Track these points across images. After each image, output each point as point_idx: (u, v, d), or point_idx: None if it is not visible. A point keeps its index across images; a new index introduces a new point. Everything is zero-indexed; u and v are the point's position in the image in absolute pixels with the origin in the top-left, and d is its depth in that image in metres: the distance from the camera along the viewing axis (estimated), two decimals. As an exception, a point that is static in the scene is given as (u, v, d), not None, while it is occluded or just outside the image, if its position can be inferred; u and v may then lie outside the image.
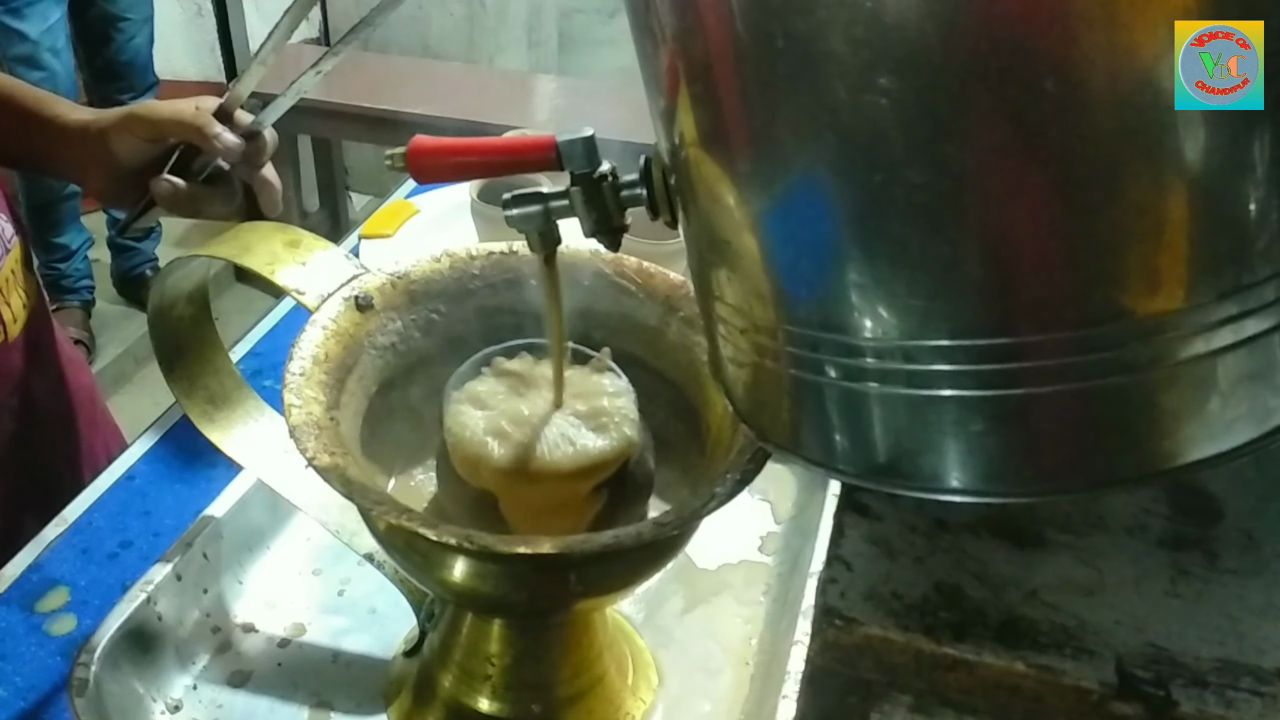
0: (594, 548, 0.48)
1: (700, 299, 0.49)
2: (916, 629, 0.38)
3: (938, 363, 0.36)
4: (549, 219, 0.53)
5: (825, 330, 0.39)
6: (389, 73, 2.43)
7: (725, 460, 0.54)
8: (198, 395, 0.67)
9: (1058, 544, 0.41)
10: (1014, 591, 0.39)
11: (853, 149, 0.35)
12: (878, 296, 0.36)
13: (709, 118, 0.40)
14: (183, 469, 0.82)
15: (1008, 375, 0.35)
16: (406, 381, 0.62)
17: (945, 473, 0.38)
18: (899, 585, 0.40)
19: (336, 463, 0.50)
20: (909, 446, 0.39)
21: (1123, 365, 0.34)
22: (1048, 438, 0.37)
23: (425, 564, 0.55)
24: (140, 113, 0.71)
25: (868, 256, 0.36)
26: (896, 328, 0.36)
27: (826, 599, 0.39)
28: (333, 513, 0.68)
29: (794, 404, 0.44)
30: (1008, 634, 0.38)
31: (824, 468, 0.44)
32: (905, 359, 0.37)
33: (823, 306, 0.38)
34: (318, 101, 2.26)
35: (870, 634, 0.38)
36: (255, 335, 0.97)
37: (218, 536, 0.73)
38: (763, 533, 0.82)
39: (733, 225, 0.41)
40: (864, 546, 0.42)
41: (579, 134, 0.51)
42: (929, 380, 0.37)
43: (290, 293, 0.59)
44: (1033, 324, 0.34)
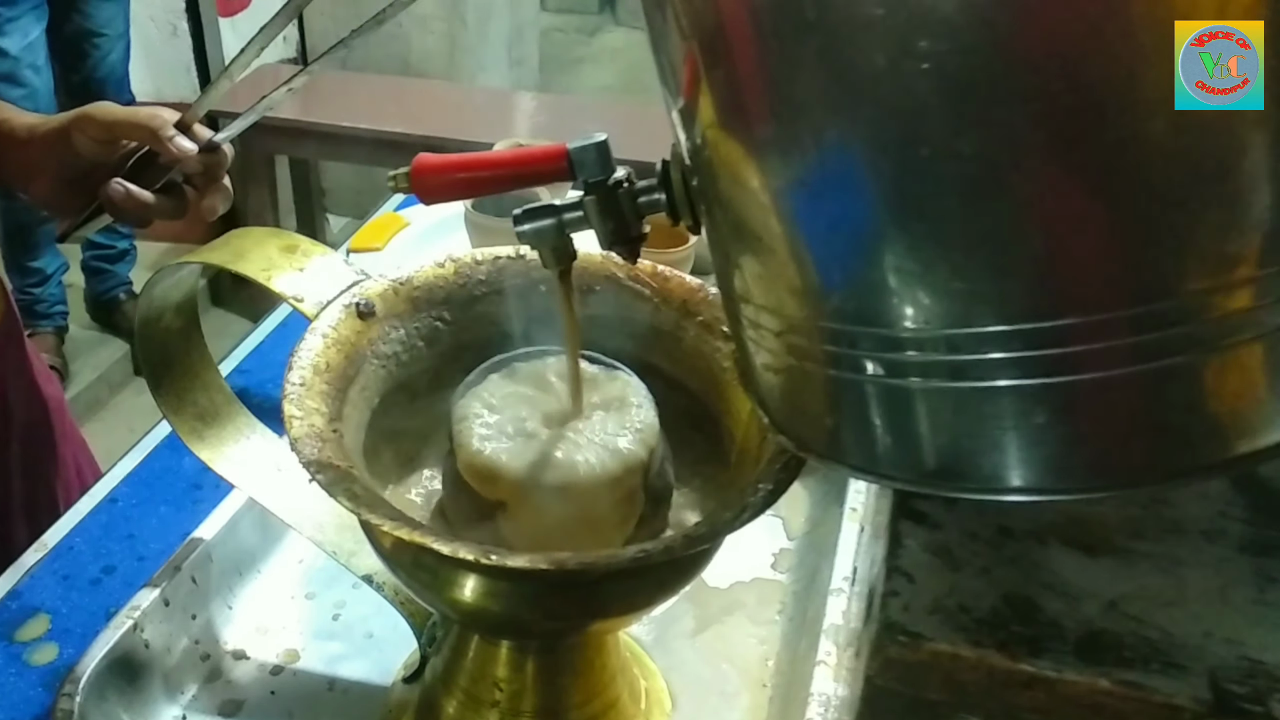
0: (621, 563, 0.44)
1: (727, 304, 0.47)
2: (989, 644, 0.35)
3: (988, 351, 0.34)
4: (563, 232, 0.50)
5: (863, 324, 0.36)
6: (368, 91, 2.39)
7: (754, 470, 0.51)
8: (186, 412, 0.63)
9: (1132, 552, 0.38)
10: (1091, 603, 0.36)
11: (895, 122, 0.32)
12: (920, 282, 0.34)
13: (735, 107, 0.38)
14: (167, 490, 0.78)
15: (1069, 360, 0.33)
16: (410, 393, 0.59)
17: (1005, 471, 0.36)
18: (965, 597, 0.37)
19: (342, 476, 0.47)
20: (964, 444, 0.37)
21: (1191, 342, 0.31)
22: (1115, 426, 0.34)
23: (434, 582, 0.51)
24: (93, 112, 0.68)
25: (910, 238, 0.34)
26: (940, 315, 0.34)
27: (888, 613, 0.36)
28: (329, 532, 0.64)
29: (834, 407, 0.41)
30: (1088, 649, 0.35)
31: (870, 474, 0.41)
32: (949, 349, 0.34)
33: (860, 297, 0.36)
34: (295, 121, 2.22)
35: (938, 650, 0.35)
36: (241, 352, 0.92)
37: (206, 560, 0.69)
38: (775, 549, 0.79)
39: (763, 219, 0.39)
40: (924, 557, 0.38)
41: (591, 139, 0.48)
42: (979, 371, 0.34)
43: (287, 300, 0.55)
44: (1093, 302, 0.32)
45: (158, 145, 0.67)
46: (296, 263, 0.56)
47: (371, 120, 2.20)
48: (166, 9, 2.39)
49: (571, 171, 0.49)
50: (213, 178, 0.70)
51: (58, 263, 2.26)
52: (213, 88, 0.70)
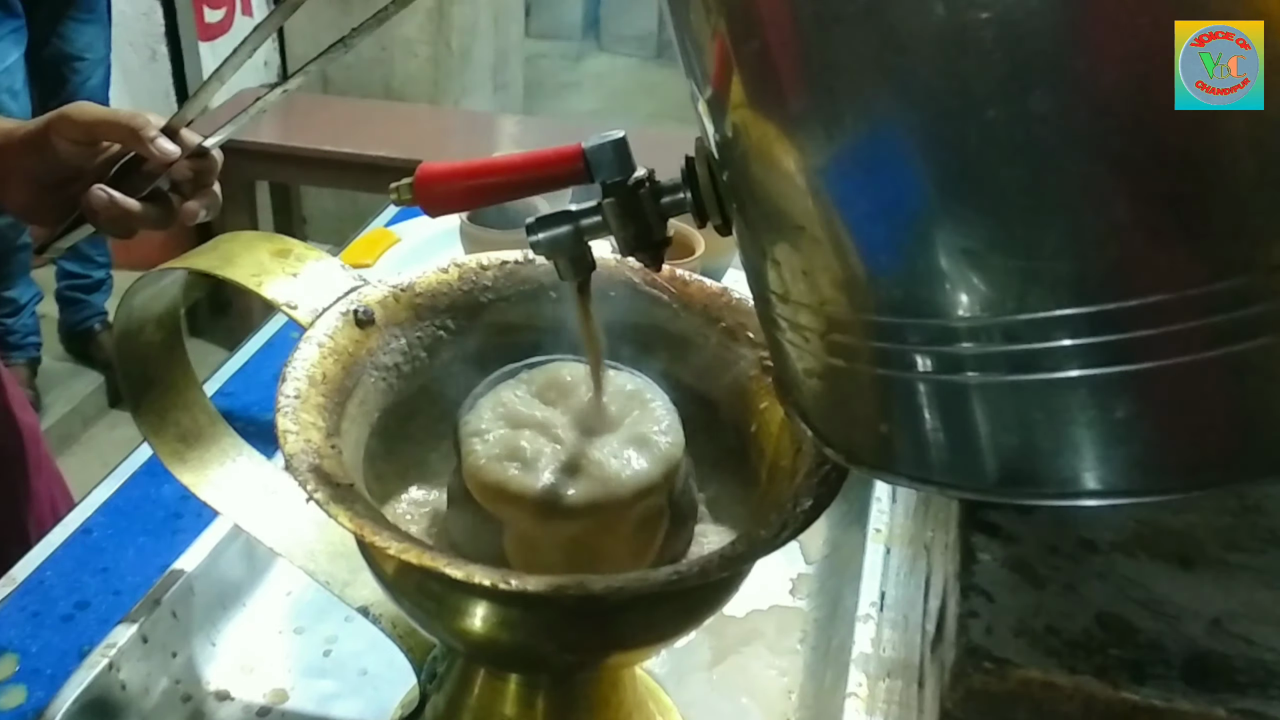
0: (652, 586, 0.40)
1: (761, 306, 0.43)
2: (1086, 670, 0.31)
3: (1052, 338, 0.30)
4: (580, 240, 0.47)
5: (913, 314, 0.33)
6: (350, 114, 2.36)
7: (790, 486, 0.47)
8: (168, 432, 0.59)
9: (1230, 564, 0.35)
10: (1193, 622, 0.32)
11: (954, 81, 0.29)
12: (975, 261, 0.31)
13: (770, 84, 0.34)
14: (146, 520, 0.73)
15: (1142, 345, 0.30)
16: (411, 408, 0.54)
17: (1077, 473, 0.33)
18: (1053, 618, 0.33)
19: (343, 494, 0.42)
20: (1030, 445, 0.33)
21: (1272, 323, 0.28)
22: (1197, 417, 0.31)
23: (440, 611, 0.47)
24: (72, 113, 0.64)
25: (967, 212, 0.31)
26: (997, 299, 0.31)
27: (969, 637, 0.32)
28: (321, 561, 0.60)
29: (884, 411, 0.38)
30: (1195, 673, 0.31)
31: (928, 484, 0.38)
32: (1007, 338, 0.31)
33: (910, 284, 0.33)
34: (276, 145, 2.19)
35: (1028, 678, 0.31)
36: (224, 374, 0.88)
37: (188, 593, 0.64)
38: (793, 575, 0.75)
39: (803, 205, 0.35)
40: (1002, 573, 0.34)
41: (608, 137, 0.45)
42: (1041, 361, 0.31)
43: (280, 307, 0.51)
44: (1169, 278, 0.29)
45: (140, 147, 0.63)
46: (289, 268, 0.52)
47: (354, 144, 2.16)
48: (145, 33, 2.35)
49: (588, 173, 0.45)
50: (202, 184, 0.67)
51: (31, 292, 2.21)
52: (202, 90, 0.67)
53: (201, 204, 0.67)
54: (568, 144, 0.46)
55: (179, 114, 0.67)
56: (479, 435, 0.48)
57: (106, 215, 0.63)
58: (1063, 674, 0.31)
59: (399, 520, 0.51)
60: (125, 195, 0.63)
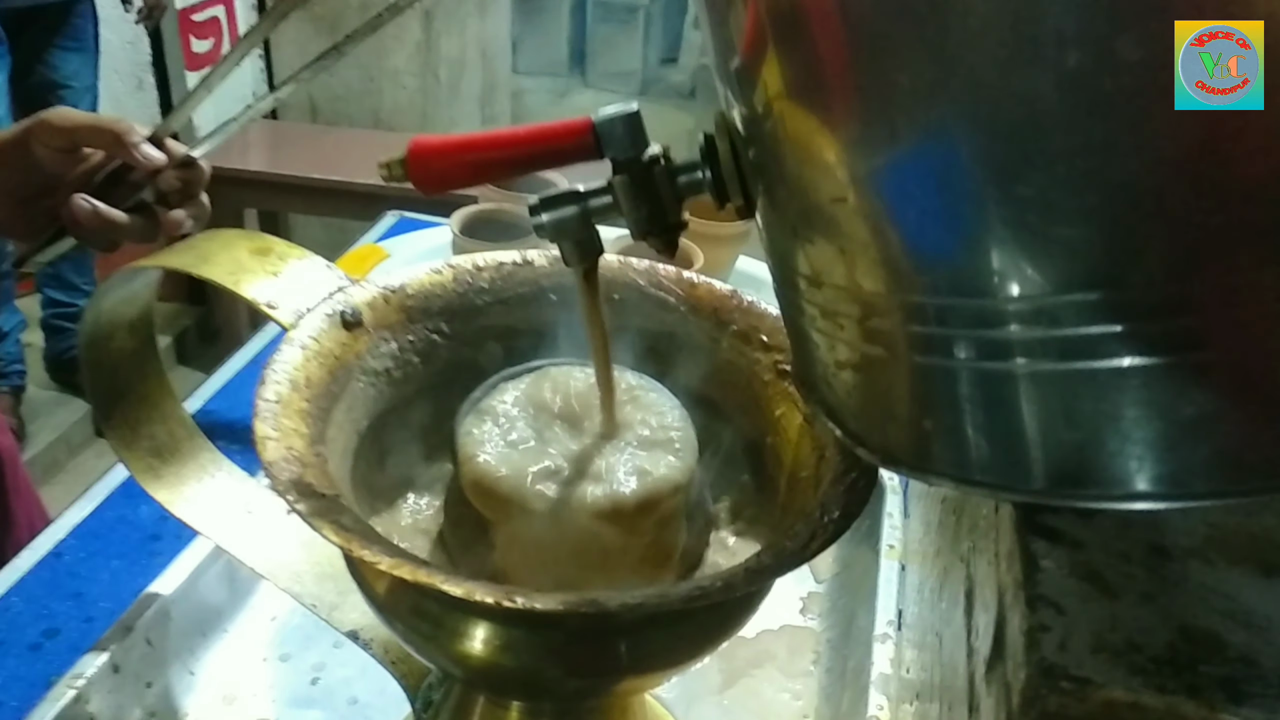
0: (672, 603, 0.36)
1: (788, 294, 0.39)
2: (1177, 689, 0.27)
3: (1111, 320, 0.27)
4: (588, 223, 0.42)
5: (960, 295, 0.30)
6: (338, 144, 2.32)
7: (813, 495, 0.42)
8: (141, 446, 0.54)
9: (1321, 568, 0.30)
10: (1290, 633, 0.28)
11: (1019, 29, 0.25)
12: (1029, 236, 0.27)
13: (815, 57, 0.31)
14: (121, 542, 0.68)
15: (1220, 330, 0.26)
16: (403, 417, 0.50)
17: (1145, 471, 0.29)
18: (1133, 632, 0.28)
19: (328, 505, 0.38)
20: (1087, 441, 0.29)
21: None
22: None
23: (437, 633, 0.42)
24: (52, 118, 0.60)
25: (1020, 184, 0.27)
26: (1050, 278, 0.28)
27: (1041, 653, 0.28)
28: (307, 583, 0.55)
29: (925, 405, 0.34)
30: (1300, 691, 0.27)
31: (974, 485, 0.34)
32: (1057, 322, 0.28)
33: (958, 262, 0.29)
34: (264, 173, 2.16)
35: (1113, 699, 0.27)
36: (207, 391, 0.83)
37: (164, 618, 0.59)
38: (803, 594, 0.71)
39: (840, 184, 0.32)
40: (1070, 582, 0.30)
41: (620, 110, 0.41)
42: (1096, 348, 0.28)
43: (259, 307, 0.46)
44: (1253, 256, 0.25)
45: (123, 153, 0.59)
46: (270, 266, 0.48)
47: (342, 172, 2.12)
48: (132, 62, 2.31)
49: (598, 148, 0.41)
50: (189, 195, 0.63)
51: (15, 320, 2.15)
52: (188, 99, 0.64)
53: (189, 214, 0.63)
54: (555, 178, 0.42)
55: (164, 123, 0.64)
56: (479, 441, 0.44)
57: (89, 226, 0.59)
58: (1151, 694, 0.27)
59: (390, 535, 0.46)
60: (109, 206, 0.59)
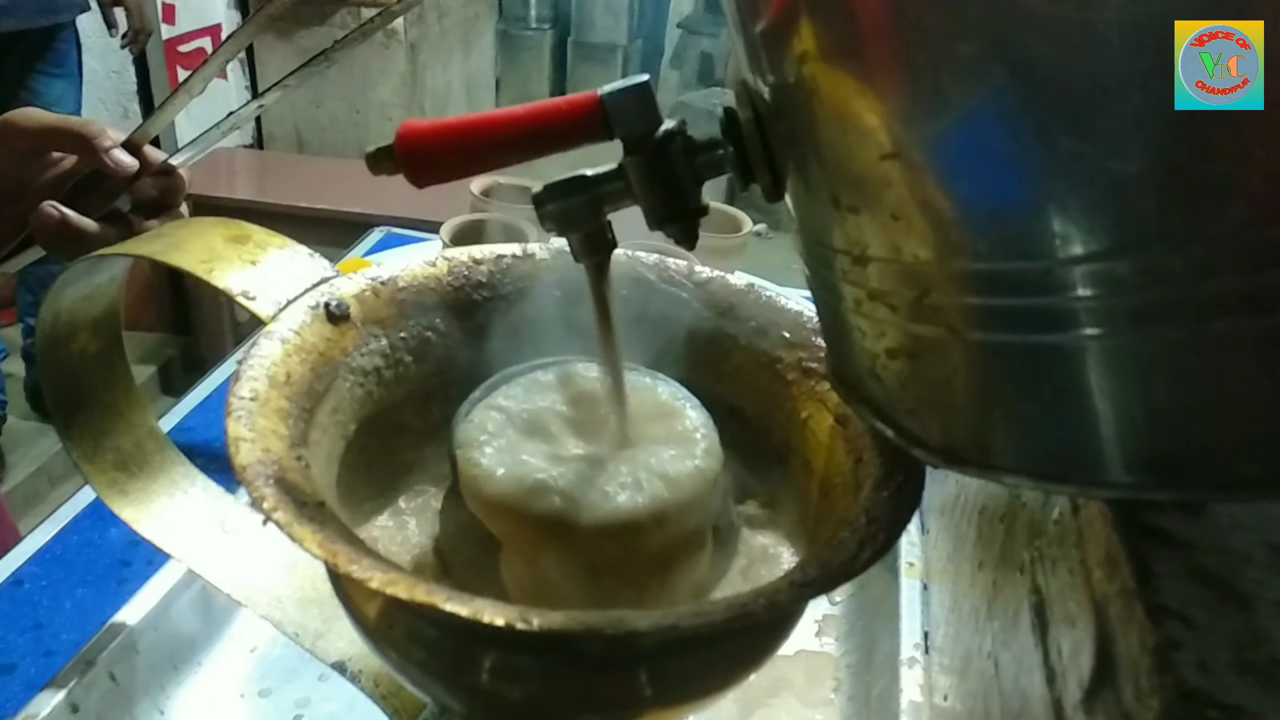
0: (712, 624, 0.30)
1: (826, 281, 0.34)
2: (1352, 719, 0.21)
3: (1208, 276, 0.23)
4: (598, 211, 0.37)
5: (1023, 256, 0.26)
6: (323, 173, 2.28)
7: (855, 501, 0.37)
8: (104, 458, 0.48)
9: None
10: None
11: None
12: (1109, 175, 0.23)
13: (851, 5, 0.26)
14: (87, 568, 0.61)
15: None
16: (394, 420, 0.44)
17: (1237, 458, 0.24)
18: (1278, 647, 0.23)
19: (309, 515, 0.32)
20: (1185, 420, 0.25)
21: None
22: None
23: (433, 662, 0.36)
24: (17, 119, 0.55)
25: (1094, 102, 0.23)
26: (1129, 230, 0.24)
27: (1179, 675, 0.22)
28: (289, 609, 0.49)
29: (991, 391, 0.29)
30: None
31: (1052, 482, 0.29)
32: (1122, 284, 0.24)
33: (1022, 212, 0.25)
34: (251, 202, 2.11)
35: (1275, 732, 0.21)
36: (185, 407, 0.77)
37: (130, 651, 0.53)
38: (818, 616, 0.65)
39: (891, 140, 0.27)
40: (1193, 590, 0.25)
41: (629, 82, 0.36)
42: (1186, 312, 0.23)
43: (235, 298, 0.41)
44: None
45: (93, 158, 0.55)
46: (248, 255, 0.42)
47: (329, 200, 2.08)
48: (117, 91, 2.25)
49: (606, 126, 0.36)
50: (167, 205, 0.58)
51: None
52: (168, 103, 0.60)
53: (165, 224, 0.58)
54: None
55: (142, 128, 0.59)
56: (480, 446, 0.38)
57: (56, 235, 0.53)
58: (1320, 724, 0.21)
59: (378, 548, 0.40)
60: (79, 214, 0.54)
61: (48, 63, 1.88)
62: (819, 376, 0.44)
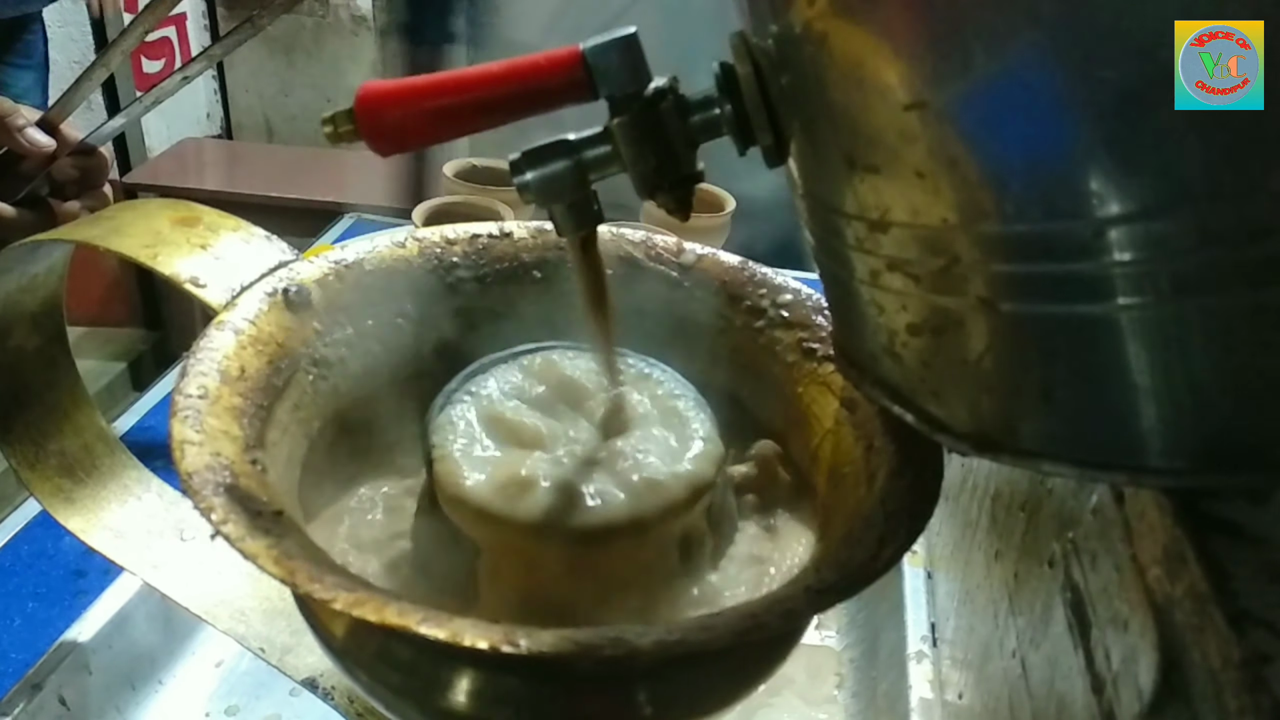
0: (721, 637, 0.27)
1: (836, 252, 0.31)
2: None
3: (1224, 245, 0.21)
4: (583, 180, 0.33)
5: (1058, 216, 0.23)
6: (293, 161, 2.23)
7: (869, 493, 0.34)
8: (48, 464, 0.45)
9: None
10: None
11: None
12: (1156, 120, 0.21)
13: None
14: (38, 581, 0.57)
15: None
16: (364, 415, 0.40)
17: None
18: (1388, 658, 0.20)
19: (265, 526, 0.28)
20: (1245, 403, 0.23)
21: None
22: None
23: (408, 686, 0.32)
24: None
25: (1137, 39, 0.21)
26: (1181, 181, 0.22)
27: (1276, 693, 0.19)
28: (254, 622, 0.45)
29: (1025, 370, 0.26)
30: None
31: (1094, 469, 0.26)
32: (1165, 251, 0.22)
33: (1059, 169, 0.23)
34: (221, 192, 2.05)
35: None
36: (146, 404, 0.72)
37: (82, 671, 0.49)
38: (817, 609, 0.62)
39: (919, 87, 0.24)
40: (1274, 591, 0.22)
41: (614, 35, 0.32)
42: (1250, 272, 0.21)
43: (182, 285, 0.37)
44: None
45: (5, 137, 0.52)
46: (197, 238, 0.38)
47: (299, 189, 2.02)
48: (80, 85, 2.19)
49: (591, 85, 0.32)
50: (89, 186, 0.56)
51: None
52: (84, 78, 0.56)
53: (85, 206, 0.55)
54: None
55: (58, 105, 0.56)
56: (456, 441, 0.35)
57: None
58: None
59: (348, 564, 0.36)
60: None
61: (14, 54, 1.81)
62: (821, 358, 0.40)
